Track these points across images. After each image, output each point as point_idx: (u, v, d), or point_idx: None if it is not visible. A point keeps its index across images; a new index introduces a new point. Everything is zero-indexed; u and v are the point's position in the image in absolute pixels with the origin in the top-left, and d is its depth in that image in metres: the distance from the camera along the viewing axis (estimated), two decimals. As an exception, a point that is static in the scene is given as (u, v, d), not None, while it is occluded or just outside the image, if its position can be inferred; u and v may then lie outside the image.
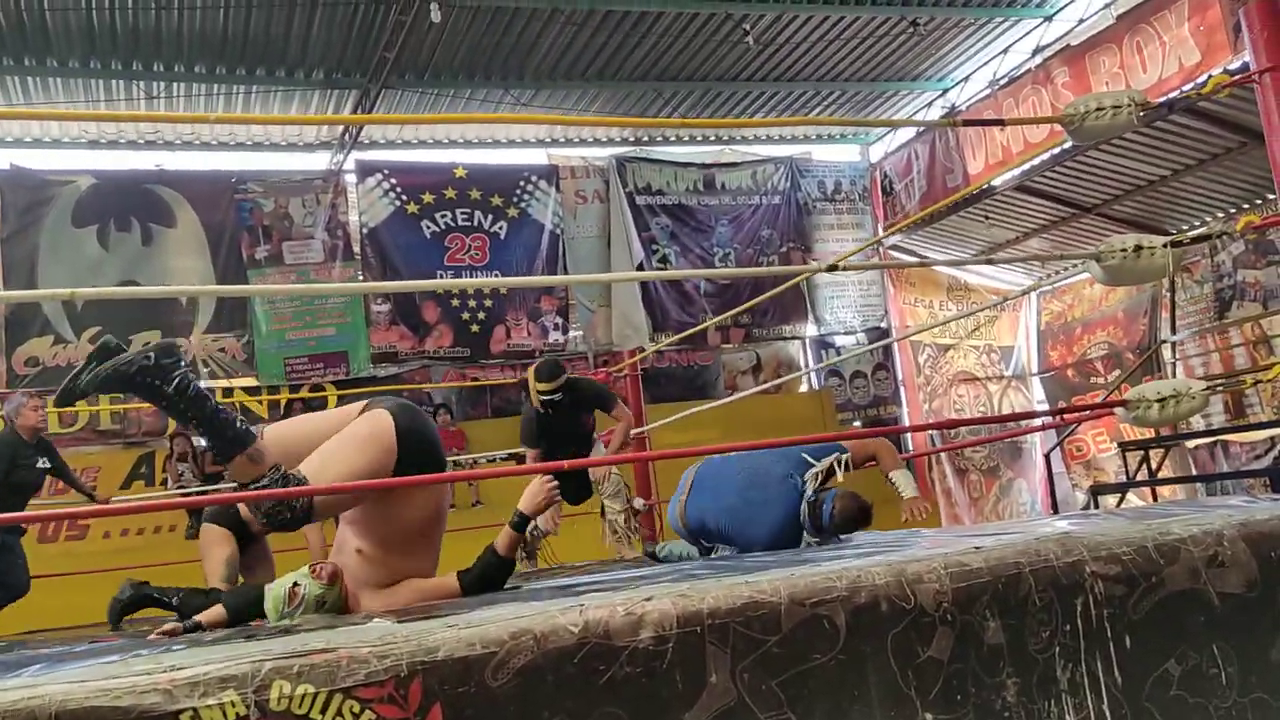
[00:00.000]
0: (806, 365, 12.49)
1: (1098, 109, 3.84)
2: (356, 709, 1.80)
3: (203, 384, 2.81)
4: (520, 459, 9.38)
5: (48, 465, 6.04)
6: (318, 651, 1.83)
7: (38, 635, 4.60)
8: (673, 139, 12.46)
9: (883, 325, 12.71)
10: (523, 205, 11.23)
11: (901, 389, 12.80)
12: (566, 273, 11.17)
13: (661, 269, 11.51)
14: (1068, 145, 9.52)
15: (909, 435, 10.88)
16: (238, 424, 2.95)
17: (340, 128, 10.84)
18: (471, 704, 1.87)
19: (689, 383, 12.11)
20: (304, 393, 9.98)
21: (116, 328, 9.51)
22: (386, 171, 10.89)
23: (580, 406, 5.56)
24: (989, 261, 12.31)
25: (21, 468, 5.82)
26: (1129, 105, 3.82)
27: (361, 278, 10.57)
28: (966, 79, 11.71)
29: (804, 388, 12.81)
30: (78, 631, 4.35)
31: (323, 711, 1.78)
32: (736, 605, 2.11)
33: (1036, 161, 10.52)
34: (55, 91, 9.42)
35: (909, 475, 4.21)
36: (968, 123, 10.06)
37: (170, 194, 10.12)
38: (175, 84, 9.48)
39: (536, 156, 11.85)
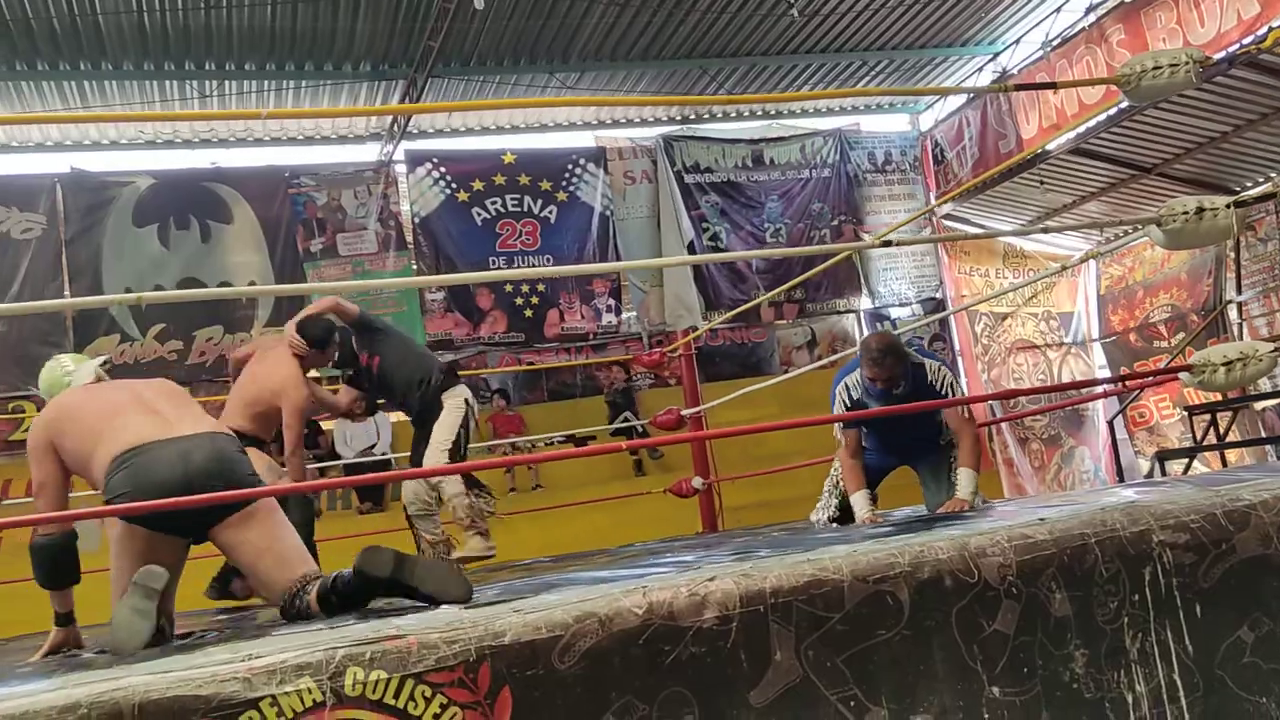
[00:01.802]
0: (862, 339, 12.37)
1: (1154, 68, 3.74)
2: (428, 693, 1.84)
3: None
4: (578, 441, 9.50)
5: None
6: (389, 638, 1.88)
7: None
8: (719, 116, 12.37)
9: (938, 295, 12.55)
10: (572, 189, 11.24)
11: (959, 359, 12.63)
12: (618, 254, 11.17)
13: (713, 247, 11.47)
14: (1124, 105, 9.27)
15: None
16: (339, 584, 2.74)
17: (389, 118, 10.93)
18: (540, 686, 1.90)
19: (744, 360, 12.07)
20: (363, 382, 10.08)
21: (180, 324, 9.75)
22: (436, 160, 10.96)
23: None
24: (1045, 230, 12.06)
25: None
26: (1187, 63, 3.72)
27: (415, 267, 10.68)
28: (1018, 41, 11.43)
29: (860, 361, 12.68)
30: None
31: (396, 696, 1.82)
32: (799, 583, 2.12)
33: (1092, 123, 10.24)
34: (111, 94, 9.61)
35: (974, 477, 4.09)
36: (1019, 87, 9.81)
37: (227, 191, 10.30)
38: (227, 81, 9.63)
39: (584, 139, 11.85)
